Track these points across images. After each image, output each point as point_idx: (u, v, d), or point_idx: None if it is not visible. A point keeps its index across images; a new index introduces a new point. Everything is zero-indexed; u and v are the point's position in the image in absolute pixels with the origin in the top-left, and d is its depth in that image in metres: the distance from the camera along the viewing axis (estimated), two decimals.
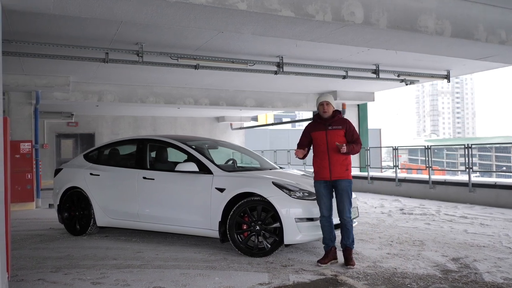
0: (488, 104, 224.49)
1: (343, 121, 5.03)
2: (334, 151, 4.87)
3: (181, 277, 4.50)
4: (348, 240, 4.91)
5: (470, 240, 6.27)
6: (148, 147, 6.58)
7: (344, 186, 4.86)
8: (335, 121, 4.99)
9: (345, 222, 4.89)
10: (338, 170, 4.87)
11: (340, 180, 4.87)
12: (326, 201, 4.92)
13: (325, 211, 4.92)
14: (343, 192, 4.86)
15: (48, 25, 6.42)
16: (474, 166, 10.85)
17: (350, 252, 4.90)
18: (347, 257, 4.86)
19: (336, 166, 4.87)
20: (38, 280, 4.45)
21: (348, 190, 4.88)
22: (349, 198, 4.88)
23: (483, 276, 4.49)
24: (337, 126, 4.96)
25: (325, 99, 5.04)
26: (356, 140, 4.97)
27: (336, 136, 4.90)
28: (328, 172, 4.88)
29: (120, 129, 20.57)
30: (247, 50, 8.16)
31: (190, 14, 4.64)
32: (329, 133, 4.92)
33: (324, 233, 4.99)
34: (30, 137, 10.82)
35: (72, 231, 6.86)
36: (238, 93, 13.28)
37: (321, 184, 4.94)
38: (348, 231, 4.91)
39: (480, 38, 5.88)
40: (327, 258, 4.95)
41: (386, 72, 10.16)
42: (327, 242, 4.99)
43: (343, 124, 4.99)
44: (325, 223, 4.96)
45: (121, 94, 11.92)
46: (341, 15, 5.00)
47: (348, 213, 4.87)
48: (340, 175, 4.87)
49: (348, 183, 4.89)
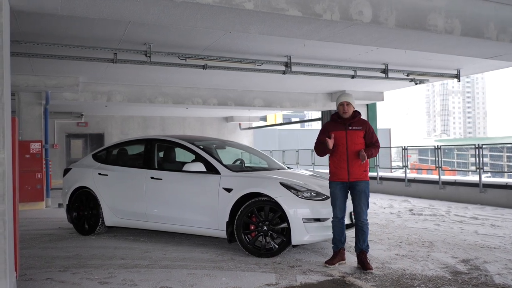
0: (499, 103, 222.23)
1: (363, 122, 4.94)
2: (353, 152, 4.77)
3: (188, 277, 4.50)
4: (364, 243, 4.82)
5: (480, 241, 6.19)
6: (156, 147, 6.60)
7: (362, 187, 4.78)
8: (355, 122, 4.88)
9: (362, 224, 4.80)
10: (356, 171, 4.78)
11: (358, 181, 4.78)
12: (340, 202, 4.84)
13: (339, 213, 4.85)
14: (361, 193, 4.77)
15: (57, 25, 6.45)
16: (485, 166, 10.72)
17: (366, 256, 4.81)
18: (364, 261, 4.76)
19: (354, 168, 4.78)
20: (46, 280, 4.48)
21: (366, 191, 4.80)
22: (366, 200, 4.80)
23: (493, 278, 4.43)
24: (357, 127, 4.86)
25: (345, 99, 4.90)
26: (375, 143, 4.88)
27: (356, 137, 4.81)
28: (346, 174, 4.78)
29: (129, 129, 20.67)
30: (255, 50, 8.14)
31: (197, 14, 4.64)
32: (349, 134, 4.82)
33: (335, 234, 4.92)
34: (40, 137, 10.90)
35: (81, 231, 6.90)
36: (247, 93, 13.26)
37: (337, 185, 4.85)
38: (365, 234, 4.82)
39: (490, 36, 5.79)
40: (335, 259, 4.91)
41: (395, 72, 10.07)
42: (337, 243, 4.93)
43: (363, 125, 4.89)
44: (337, 224, 4.89)
45: (130, 94, 11.97)
46: (349, 14, 4.96)
47: (365, 215, 4.79)
48: (358, 177, 4.78)
49: (366, 184, 4.82)
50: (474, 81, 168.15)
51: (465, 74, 11.16)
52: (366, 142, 4.86)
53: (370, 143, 4.86)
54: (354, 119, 4.88)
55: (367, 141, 4.86)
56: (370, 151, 4.78)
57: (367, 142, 4.86)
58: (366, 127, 4.89)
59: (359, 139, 4.82)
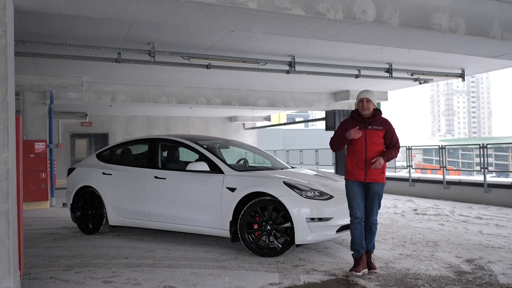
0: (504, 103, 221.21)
1: (384, 121, 4.71)
2: (371, 152, 4.56)
3: (192, 276, 4.51)
4: (370, 243, 4.71)
5: (485, 241, 6.17)
6: (160, 147, 6.61)
7: (377, 189, 4.62)
8: (375, 121, 4.66)
9: (371, 224, 4.68)
10: (374, 172, 4.58)
11: (375, 183, 4.60)
12: (359, 201, 4.63)
13: (358, 212, 4.62)
14: (375, 195, 4.62)
15: (61, 25, 6.47)
16: (490, 166, 10.67)
17: (371, 256, 4.73)
18: (368, 261, 4.67)
19: (373, 169, 4.57)
20: (50, 279, 4.49)
21: (380, 193, 4.65)
22: (379, 201, 4.68)
23: (497, 278, 4.41)
24: (377, 126, 4.64)
25: (365, 95, 4.66)
26: (395, 144, 4.67)
27: (375, 136, 4.61)
28: (363, 174, 4.59)
29: (133, 129, 20.71)
30: (259, 50, 8.13)
31: (201, 14, 4.64)
32: (368, 133, 4.60)
33: (354, 238, 4.64)
34: (45, 136, 10.94)
35: (85, 230, 6.92)
36: (250, 92, 13.25)
37: (354, 184, 4.66)
38: (372, 234, 4.71)
39: (495, 35, 5.76)
40: (359, 265, 4.58)
41: (399, 71, 10.04)
42: (358, 249, 4.63)
43: (384, 124, 4.67)
44: (357, 227, 4.63)
45: (134, 94, 11.99)
46: (353, 13, 4.94)
47: (376, 216, 4.70)
48: (375, 178, 4.60)
49: (382, 187, 4.66)
50: (479, 80, 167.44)
51: (470, 73, 11.10)
52: (385, 143, 4.66)
53: (389, 143, 4.66)
54: (374, 118, 4.66)
55: (387, 142, 4.66)
56: (390, 154, 4.60)
57: (386, 143, 4.66)
58: (387, 126, 4.67)
59: (378, 139, 4.62)
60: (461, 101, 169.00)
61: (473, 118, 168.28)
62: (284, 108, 14.50)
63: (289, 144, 31.10)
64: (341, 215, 5.21)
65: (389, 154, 4.60)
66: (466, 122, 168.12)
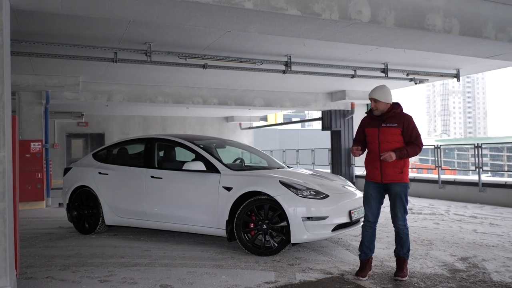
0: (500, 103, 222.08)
1: (400, 117, 4.34)
2: (386, 151, 4.26)
3: (188, 275, 4.52)
4: (402, 249, 4.40)
5: (479, 239, 6.21)
6: (156, 146, 6.62)
7: (397, 190, 4.30)
8: (390, 117, 4.33)
9: (398, 230, 4.39)
10: (390, 172, 4.30)
11: (394, 183, 4.31)
12: (373, 204, 4.42)
13: (371, 216, 4.44)
14: (396, 197, 4.32)
15: (57, 25, 6.47)
16: (485, 166, 10.74)
17: (403, 262, 4.40)
18: (399, 267, 4.39)
19: (388, 168, 4.30)
20: (46, 278, 4.50)
21: (401, 195, 4.31)
22: (403, 204, 4.33)
23: (491, 275, 4.45)
24: (392, 123, 4.31)
25: (371, 95, 4.40)
26: (415, 140, 4.30)
27: (389, 134, 4.30)
28: (379, 174, 4.34)
29: (129, 129, 20.69)
30: (255, 49, 8.16)
31: (197, 13, 4.66)
32: (382, 131, 4.32)
33: (364, 240, 4.49)
34: (41, 136, 10.93)
35: (81, 230, 6.92)
36: (247, 92, 13.27)
37: (371, 185, 4.43)
38: (402, 240, 4.39)
39: (489, 36, 5.81)
40: (365, 270, 4.44)
41: (394, 71, 10.09)
42: (366, 251, 4.48)
43: (399, 121, 4.31)
44: (368, 230, 4.48)
45: (130, 94, 11.98)
46: (348, 13, 4.98)
47: (402, 220, 4.35)
48: (393, 178, 4.30)
49: (403, 188, 4.32)
50: (474, 81, 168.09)
51: (465, 73, 11.18)
52: (404, 140, 4.32)
53: (409, 141, 4.31)
54: (389, 114, 4.35)
55: (406, 139, 4.30)
56: (404, 149, 4.24)
57: (405, 140, 4.31)
58: (404, 123, 4.30)
59: (393, 136, 4.29)
60: (456, 101, 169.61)
61: (468, 118, 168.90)
62: (280, 108, 14.53)
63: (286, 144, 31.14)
64: (337, 214, 5.24)
65: (403, 150, 4.24)
66: (462, 122, 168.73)
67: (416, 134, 4.32)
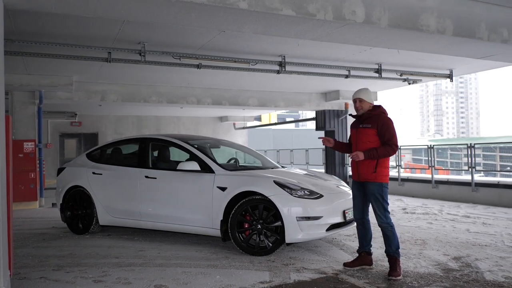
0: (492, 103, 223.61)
1: (376, 118, 4.50)
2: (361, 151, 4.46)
3: (183, 275, 4.52)
4: (391, 248, 4.48)
5: (472, 239, 6.26)
6: (150, 146, 6.60)
7: (371, 189, 4.48)
8: (367, 119, 4.54)
9: (382, 228, 4.53)
10: (364, 172, 4.49)
11: (368, 183, 4.50)
12: (356, 202, 4.69)
13: (356, 213, 4.72)
14: (371, 196, 4.50)
15: (51, 24, 6.44)
16: (478, 166, 10.81)
17: (395, 261, 4.44)
18: (392, 267, 4.45)
19: (362, 168, 4.51)
20: (40, 278, 4.48)
21: (375, 194, 4.45)
22: (381, 202, 4.45)
23: (484, 275, 4.48)
24: (367, 124, 4.51)
25: (356, 95, 4.63)
26: (388, 141, 4.42)
27: (364, 135, 4.50)
28: (356, 173, 4.60)
29: (123, 128, 20.62)
30: (249, 50, 8.16)
31: (192, 13, 4.66)
32: (359, 131, 4.54)
33: (358, 237, 4.83)
34: (34, 136, 10.87)
35: (75, 230, 6.89)
36: (241, 92, 13.28)
37: (353, 184, 4.71)
38: (389, 238, 4.49)
39: (482, 36, 5.85)
40: (355, 262, 4.73)
41: (388, 72, 10.14)
42: (360, 245, 4.81)
43: (375, 122, 4.48)
44: (358, 226, 4.76)
45: (124, 93, 11.95)
46: (342, 13, 4.99)
47: (384, 218, 4.46)
48: (367, 177, 4.49)
49: (377, 187, 4.45)
50: (467, 81, 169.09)
51: (458, 74, 11.25)
52: (381, 141, 4.46)
53: (383, 141, 4.44)
54: (366, 115, 4.56)
55: (381, 140, 4.45)
56: (374, 150, 4.39)
57: (381, 141, 4.46)
58: (379, 124, 4.46)
59: (367, 137, 4.48)
60: (449, 102, 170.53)
61: (461, 118, 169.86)
62: (274, 108, 14.55)
63: (280, 144, 31.17)
64: (331, 214, 5.25)
65: (373, 151, 4.40)
66: (455, 122, 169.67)
67: (390, 135, 4.44)
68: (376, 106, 4.65)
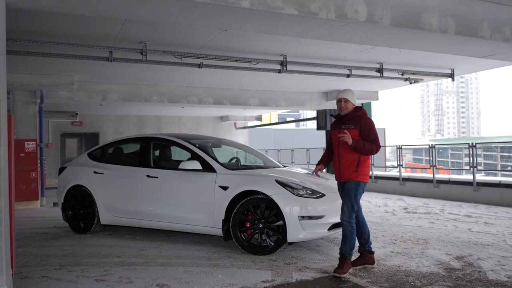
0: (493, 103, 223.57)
1: (358, 119, 4.58)
2: (343, 152, 4.55)
3: (185, 274, 4.52)
4: (345, 246, 4.50)
5: (474, 238, 6.25)
6: (152, 146, 6.60)
7: (348, 186, 4.55)
8: (349, 120, 4.60)
9: (342, 225, 4.57)
10: (346, 172, 4.56)
11: (347, 181, 4.56)
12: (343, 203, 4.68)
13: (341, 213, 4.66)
14: (345, 193, 4.58)
15: (52, 24, 6.43)
16: (479, 165, 10.81)
17: (345, 259, 4.48)
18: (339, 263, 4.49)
19: (344, 168, 4.57)
20: (42, 278, 4.48)
21: (350, 191, 4.52)
22: (351, 200, 4.51)
23: (487, 274, 4.48)
24: (350, 125, 4.57)
25: (341, 95, 4.68)
26: (372, 141, 4.51)
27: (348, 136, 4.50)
28: (338, 174, 4.66)
29: (124, 128, 20.60)
30: (251, 49, 8.15)
31: (194, 12, 4.65)
32: (342, 132, 4.51)
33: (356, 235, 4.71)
34: (35, 136, 10.87)
35: (76, 229, 6.89)
36: (242, 92, 13.25)
37: (338, 186, 4.75)
38: (346, 237, 4.52)
39: (484, 35, 5.84)
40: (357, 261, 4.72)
41: (390, 71, 10.12)
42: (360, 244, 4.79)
43: (357, 123, 4.55)
44: None
45: (125, 93, 11.93)
46: (345, 12, 4.98)
47: (347, 217, 4.51)
48: (348, 177, 4.55)
49: (354, 185, 4.51)
50: (468, 81, 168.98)
51: (459, 73, 11.22)
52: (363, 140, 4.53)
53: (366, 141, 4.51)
54: (349, 116, 4.62)
55: (364, 139, 4.52)
56: (362, 142, 4.46)
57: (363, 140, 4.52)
58: (361, 124, 4.53)
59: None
60: (450, 101, 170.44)
61: (462, 118, 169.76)
62: (275, 107, 14.53)
63: (281, 143, 31.14)
64: (333, 213, 5.25)
65: (360, 142, 4.46)
66: (456, 122, 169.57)
67: (373, 136, 4.55)
68: (358, 108, 4.73)
